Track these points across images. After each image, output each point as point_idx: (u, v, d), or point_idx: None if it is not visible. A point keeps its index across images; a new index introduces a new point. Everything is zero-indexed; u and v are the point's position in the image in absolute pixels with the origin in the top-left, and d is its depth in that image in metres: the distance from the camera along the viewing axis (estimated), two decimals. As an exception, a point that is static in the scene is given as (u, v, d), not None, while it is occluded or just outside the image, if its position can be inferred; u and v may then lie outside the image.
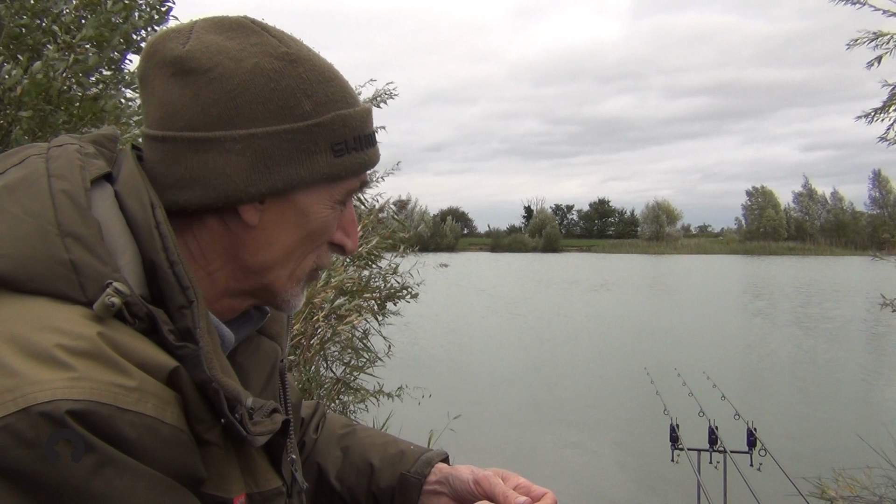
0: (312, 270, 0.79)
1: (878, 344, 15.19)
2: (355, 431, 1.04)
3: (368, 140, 0.76)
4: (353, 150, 0.74)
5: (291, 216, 0.73)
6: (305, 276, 0.78)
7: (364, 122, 0.75)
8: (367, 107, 0.77)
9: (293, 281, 0.77)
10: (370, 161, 0.77)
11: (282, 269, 0.75)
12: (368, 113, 0.77)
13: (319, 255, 0.78)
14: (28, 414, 0.50)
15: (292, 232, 0.74)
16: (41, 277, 0.59)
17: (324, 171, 0.71)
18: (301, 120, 0.70)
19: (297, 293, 0.79)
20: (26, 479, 0.50)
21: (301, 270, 0.77)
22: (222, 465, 0.66)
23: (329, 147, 0.72)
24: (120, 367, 0.56)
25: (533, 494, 0.85)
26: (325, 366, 4.98)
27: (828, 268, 47.93)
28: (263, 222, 0.72)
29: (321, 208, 0.74)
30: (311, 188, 0.72)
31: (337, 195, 0.74)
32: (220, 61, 0.67)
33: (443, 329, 17.05)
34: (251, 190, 0.69)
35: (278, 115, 0.69)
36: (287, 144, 0.69)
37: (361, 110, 0.76)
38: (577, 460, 7.55)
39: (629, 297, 25.96)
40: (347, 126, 0.73)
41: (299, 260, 0.76)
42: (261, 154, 0.69)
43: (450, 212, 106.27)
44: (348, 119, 0.73)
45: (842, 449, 6.69)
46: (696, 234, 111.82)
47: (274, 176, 0.70)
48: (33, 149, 0.68)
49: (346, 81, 0.77)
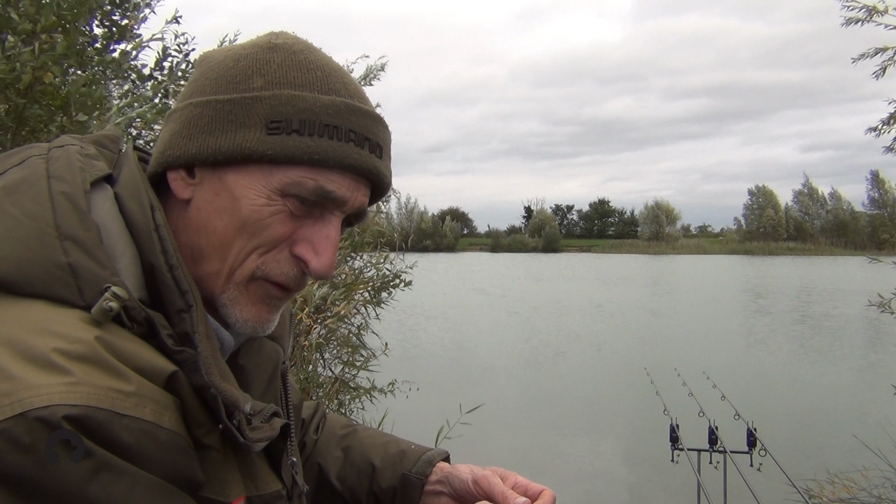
0: (258, 280, 0.69)
1: (878, 343, 15.19)
2: (356, 431, 1.04)
3: (338, 132, 0.67)
4: (298, 132, 0.66)
5: (224, 198, 0.68)
6: (246, 281, 0.69)
7: (336, 112, 0.68)
8: (351, 103, 0.69)
9: (232, 283, 0.69)
10: (332, 154, 0.67)
11: (217, 261, 0.68)
12: (351, 107, 0.69)
13: (266, 261, 0.68)
14: (25, 419, 0.50)
15: (225, 217, 0.68)
16: (39, 280, 0.58)
17: (249, 147, 0.66)
18: (242, 93, 0.68)
19: (241, 302, 0.69)
20: (23, 485, 0.50)
21: (241, 273, 0.68)
22: (221, 468, 0.65)
23: (263, 123, 0.66)
24: (117, 372, 0.55)
25: (531, 493, 0.84)
26: (323, 364, 4.98)
27: (827, 268, 47.93)
28: (197, 202, 0.69)
29: (253, 194, 0.67)
30: (243, 168, 0.67)
31: (276, 183, 0.67)
32: (221, 51, 0.73)
33: (442, 329, 17.04)
34: (167, 153, 0.70)
35: (225, 87, 0.69)
36: (215, 113, 0.68)
37: (337, 100, 0.68)
38: (576, 460, 7.55)
39: (629, 297, 25.95)
40: (295, 106, 0.66)
41: (237, 257, 0.68)
42: (188, 121, 0.69)
43: (449, 212, 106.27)
44: (299, 99, 0.67)
45: (841, 449, 6.69)
46: (695, 235, 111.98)
47: (192, 142, 0.68)
48: (34, 149, 0.67)
49: (345, 77, 0.72)
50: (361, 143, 0.69)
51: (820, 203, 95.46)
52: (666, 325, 18.29)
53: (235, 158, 0.67)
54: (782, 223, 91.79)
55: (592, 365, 12.71)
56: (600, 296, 26.69)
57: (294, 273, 0.70)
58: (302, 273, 0.71)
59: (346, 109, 0.69)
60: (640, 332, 16.78)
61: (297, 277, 0.70)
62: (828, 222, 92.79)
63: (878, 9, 3.80)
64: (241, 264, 0.68)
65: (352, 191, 0.70)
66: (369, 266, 5.30)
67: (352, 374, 4.97)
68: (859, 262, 40.27)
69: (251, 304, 0.70)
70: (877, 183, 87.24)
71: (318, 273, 0.69)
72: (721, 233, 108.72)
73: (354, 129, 0.69)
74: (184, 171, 0.70)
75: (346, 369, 5.00)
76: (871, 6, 3.81)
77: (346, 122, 0.68)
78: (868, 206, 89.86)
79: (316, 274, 0.70)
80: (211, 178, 0.69)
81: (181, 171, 0.70)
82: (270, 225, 0.68)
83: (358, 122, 0.69)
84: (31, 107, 2.09)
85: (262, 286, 0.70)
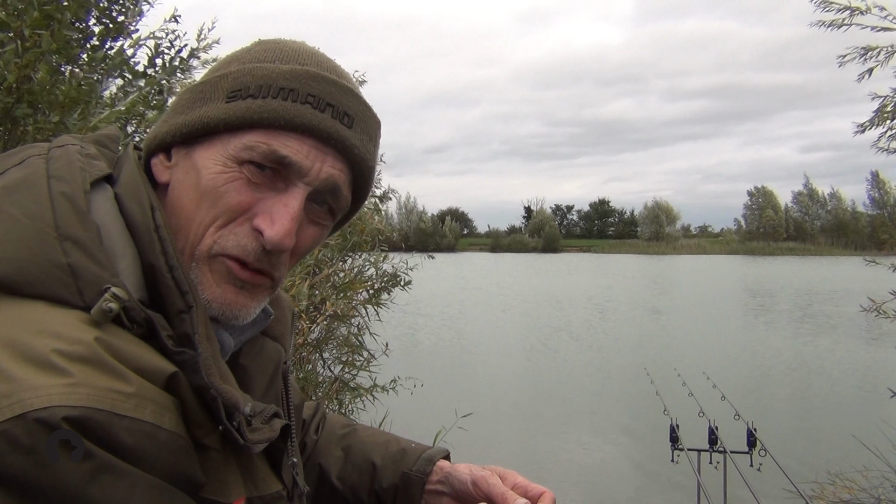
0: (216, 257, 0.67)
1: (878, 343, 15.18)
2: (356, 431, 1.04)
3: (294, 94, 0.67)
4: (253, 96, 0.67)
5: (191, 175, 0.68)
6: (206, 257, 0.67)
7: (294, 77, 0.68)
8: (313, 70, 0.69)
9: (194, 261, 0.67)
10: (283, 114, 0.66)
11: (182, 238, 0.67)
12: (312, 74, 0.69)
13: (223, 234, 0.67)
14: (24, 420, 0.50)
15: (191, 193, 0.68)
16: (39, 281, 0.58)
17: (210, 116, 0.67)
18: (214, 74, 0.71)
19: (204, 282, 0.67)
20: (23, 485, 0.50)
21: (201, 249, 0.67)
22: (221, 469, 0.65)
23: (224, 94, 0.68)
24: (117, 373, 0.55)
25: (531, 494, 0.84)
26: (323, 364, 4.97)
27: (827, 268, 47.92)
28: (173, 183, 0.71)
29: (211, 163, 0.67)
30: (207, 141, 0.68)
31: (231, 150, 0.67)
32: None
33: (443, 329, 17.03)
34: (148, 140, 0.73)
35: (205, 76, 0.73)
36: (190, 95, 0.71)
37: (298, 67, 0.69)
38: (576, 460, 7.54)
39: (629, 297, 25.95)
40: (254, 74, 0.67)
41: (197, 231, 0.67)
42: (170, 109, 0.73)
43: (449, 212, 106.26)
44: (260, 69, 0.68)
45: (841, 450, 6.68)
46: (695, 235, 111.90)
47: (167, 124, 0.72)
48: (34, 149, 0.67)
49: (320, 56, 0.73)
50: (322, 107, 0.68)
51: (820, 203, 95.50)
52: (666, 324, 18.29)
53: (198, 130, 0.68)
54: (782, 223, 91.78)
55: (592, 365, 12.70)
56: (600, 296, 26.68)
57: (252, 246, 0.67)
58: (262, 248, 0.67)
59: (306, 75, 0.69)
60: (640, 332, 16.78)
61: (257, 251, 0.68)
62: (828, 222, 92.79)
63: (859, 8, 3.69)
64: (200, 239, 0.67)
65: (313, 159, 0.69)
66: (368, 265, 5.29)
67: (352, 374, 4.97)
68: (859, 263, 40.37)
69: (215, 285, 0.68)
70: (877, 183, 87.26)
71: (273, 242, 0.66)
72: (721, 233, 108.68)
73: (314, 94, 0.68)
74: (163, 156, 0.72)
75: (346, 369, 4.99)
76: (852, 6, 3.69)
77: (304, 86, 0.68)
78: (869, 206, 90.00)
79: (271, 242, 0.67)
80: (183, 159, 0.70)
81: (160, 156, 0.72)
82: (226, 193, 0.66)
83: (319, 87, 0.69)
84: (20, 105, 2.07)
85: (223, 263, 0.68)
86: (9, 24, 1.99)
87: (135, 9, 2.64)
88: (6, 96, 2.05)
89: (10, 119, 2.10)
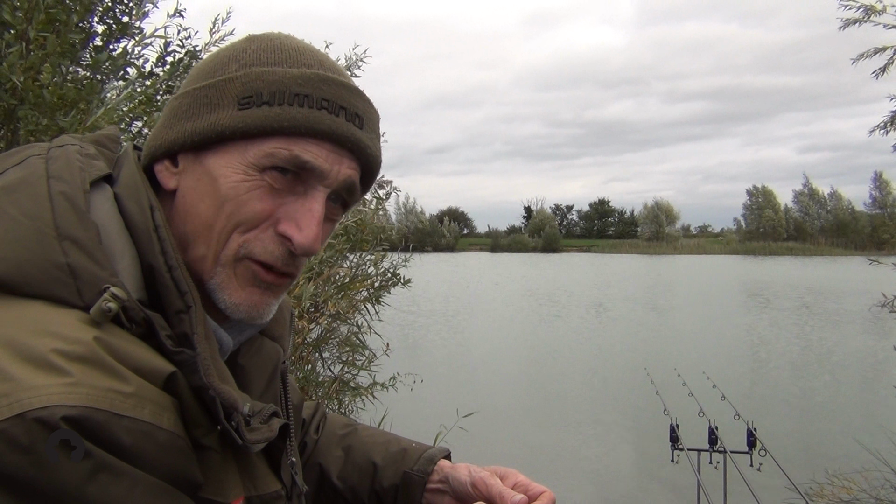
0: (243, 260, 0.68)
1: (878, 343, 15.18)
2: (356, 431, 1.04)
3: (309, 100, 0.67)
4: (268, 104, 0.67)
5: (205, 182, 0.68)
6: (231, 262, 0.68)
7: (306, 82, 0.68)
8: (322, 73, 0.70)
9: (219, 266, 0.68)
10: (303, 121, 0.67)
11: (202, 245, 0.68)
12: (322, 77, 0.69)
13: (249, 239, 0.68)
14: (23, 420, 0.50)
15: (206, 200, 0.68)
16: (38, 281, 0.58)
17: (222, 124, 0.67)
18: (217, 78, 0.70)
19: (230, 286, 0.69)
20: (22, 485, 0.50)
21: (226, 254, 0.68)
22: (220, 469, 0.65)
23: (235, 101, 0.68)
24: (116, 373, 0.55)
25: (531, 493, 0.84)
26: (323, 364, 4.97)
27: (827, 268, 47.91)
28: (182, 189, 0.70)
29: (230, 171, 0.67)
30: (221, 149, 0.68)
31: (251, 157, 0.67)
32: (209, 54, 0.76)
33: (442, 329, 17.03)
34: (152, 145, 0.72)
35: (203, 77, 0.71)
36: (193, 100, 0.70)
37: (308, 71, 0.69)
38: (576, 459, 7.54)
39: (629, 297, 25.94)
40: (265, 80, 0.67)
41: (220, 237, 0.68)
42: (170, 113, 0.72)
43: (448, 212, 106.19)
44: (269, 74, 0.68)
45: (841, 450, 6.69)
46: (695, 235, 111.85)
47: (171, 131, 0.70)
48: (34, 149, 0.67)
49: (320, 56, 0.73)
50: (336, 111, 0.69)
51: (820, 203, 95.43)
52: (666, 325, 18.27)
53: (210, 138, 0.68)
54: (781, 223, 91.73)
55: (592, 365, 12.69)
56: (600, 296, 26.68)
57: (280, 252, 0.69)
58: (289, 253, 0.69)
59: (316, 79, 0.69)
60: (640, 332, 16.77)
61: (284, 256, 0.69)
62: (828, 222, 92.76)
63: (875, 8, 3.79)
64: (224, 244, 0.68)
65: (332, 162, 0.69)
66: (368, 263, 5.28)
67: (352, 373, 4.97)
68: (859, 262, 40.32)
69: (241, 288, 0.69)
70: (880, 184, 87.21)
71: (303, 247, 0.68)
72: (721, 233, 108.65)
73: (327, 98, 0.69)
74: (168, 162, 0.72)
75: (346, 369, 4.99)
76: (868, 6, 3.80)
77: (317, 90, 0.68)
78: (870, 206, 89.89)
79: (301, 248, 0.68)
80: (192, 165, 0.70)
81: (165, 162, 0.72)
82: (248, 201, 0.67)
83: (330, 91, 0.69)
84: (22, 107, 2.07)
85: (249, 267, 0.69)
86: (14, 25, 2.00)
87: (139, 9, 2.64)
88: (10, 97, 2.05)
89: (12, 120, 2.10)
